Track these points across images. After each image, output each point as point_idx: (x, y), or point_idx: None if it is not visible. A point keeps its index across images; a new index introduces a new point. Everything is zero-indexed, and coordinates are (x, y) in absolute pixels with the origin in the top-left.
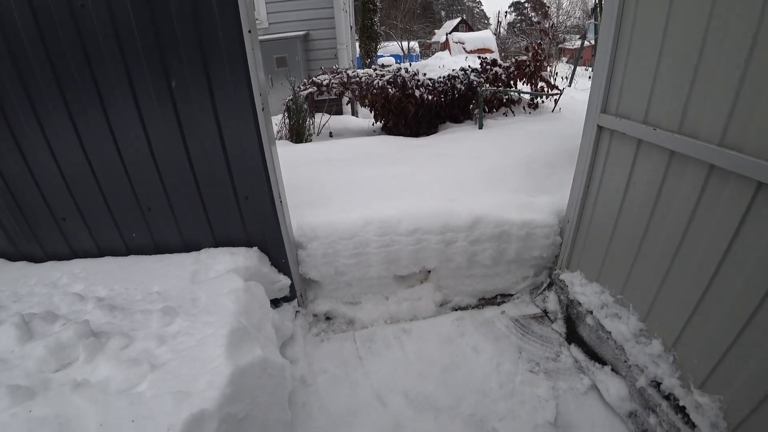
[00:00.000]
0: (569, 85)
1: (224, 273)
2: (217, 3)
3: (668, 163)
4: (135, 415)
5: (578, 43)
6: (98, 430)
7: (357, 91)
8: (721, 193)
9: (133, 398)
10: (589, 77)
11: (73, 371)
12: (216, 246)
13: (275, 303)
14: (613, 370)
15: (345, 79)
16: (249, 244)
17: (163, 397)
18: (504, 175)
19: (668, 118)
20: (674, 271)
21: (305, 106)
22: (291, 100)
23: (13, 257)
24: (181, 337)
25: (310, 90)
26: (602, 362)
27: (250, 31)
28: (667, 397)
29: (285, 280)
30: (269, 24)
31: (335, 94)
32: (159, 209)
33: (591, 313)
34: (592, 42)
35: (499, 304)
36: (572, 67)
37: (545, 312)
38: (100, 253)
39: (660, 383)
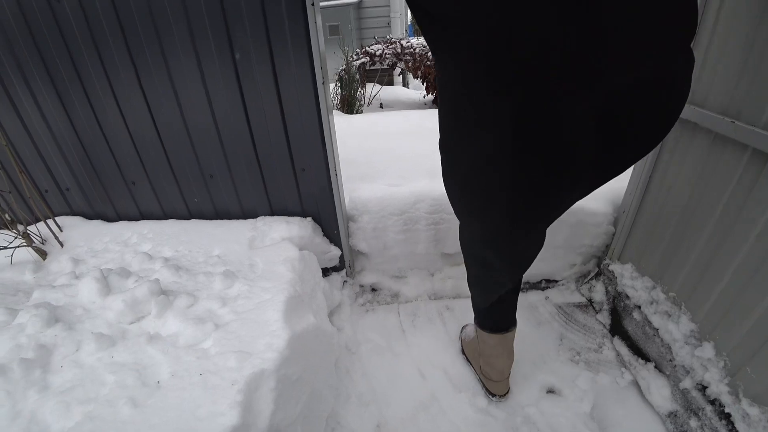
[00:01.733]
0: None
1: (280, 241)
2: None
3: (747, 161)
4: (202, 369)
5: None
6: (170, 378)
7: (410, 63)
8: None
9: (200, 353)
10: None
11: (146, 324)
12: (272, 215)
13: (325, 272)
14: (656, 368)
15: (399, 50)
16: (303, 215)
17: (226, 354)
18: None
19: (756, 111)
20: (740, 276)
21: (357, 76)
22: (344, 69)
23: (89, 216)
24: (240, 300)
25: (363, 60)
26: (646, 359)
27: (313, 4)
28: (712, 402)
29: (335, 251)
30: None
31: (388, 65)
32: (220, 177)
33: (639, 307)
34: None
35: (543, 289)
36: None
37: (590, 302)
38: (165, 216)
39: (706, 387)
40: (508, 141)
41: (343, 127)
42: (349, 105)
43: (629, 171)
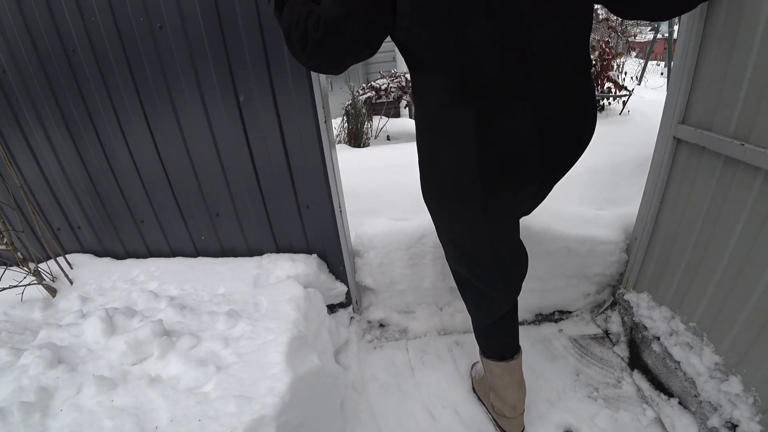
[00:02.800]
0: (639, 83)
1: (285, 279)
2: None
3: (761, 183)
4: (201, 415)
5: (649, 36)
6: (169, 425)
7: None
8: None
9: (200, 398)
10: (661, 73)
11: (147, 366)
12: (277, 251)
13: (331, 308)
14: (681, 404)
15: (403, 83)
16: (309, 251)
17: (226, 399)
18: (568, 185)
19: (766, 132)
20: (765, 303)
21: (363, 110)
22: (350, 104)
23: (99, 253)
24: (243, 340)
25: (369, 95)
26: (669, 394)
27: None
28: None
29: (341, 287)
30: None
31: (393, 98)
32: (226, 215)
33: (658, 339)
34: (666, 35)
35: (556, 321)
36: (642, 63)
37: (606, 333)
38: (173, 253)
39: (736, 426)
40: (473, 141)
41: (350, 161)
42: (356, 138)
43: (639, 197)
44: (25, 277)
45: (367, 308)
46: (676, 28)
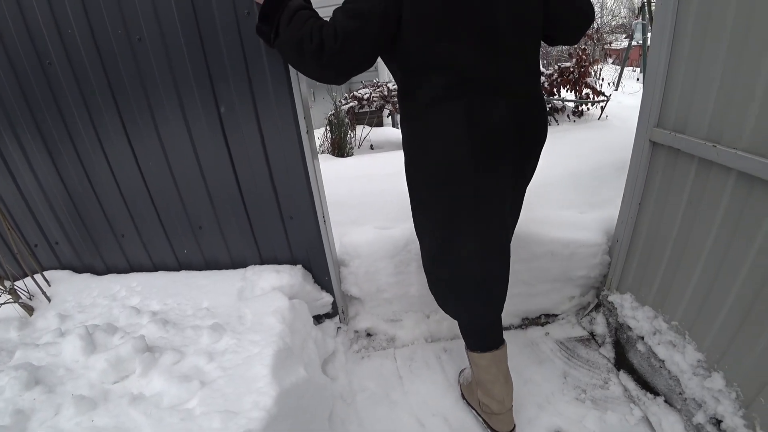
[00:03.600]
0: (616, 89)
1: (269, 291)
2: None
3: (733, 183)
4: None
5: (625, 43)
6: None
7: (397, 104)
8: None
9: (184, 414)
10: (637, 79)
11: (129, 384)
12: (261, 263)
13: (317, 319)
14: (666, 402)
15: (385, 93)
16: (293, 262)
17: (211, 415)
18: (550, 190)
19: (736, 134)
20: (743, 300)
21: (346, 120)
22: (333, 114)
23: (78, 269)
24: (228, 354)
25: (352, 104)
26: (655, 393)
27: None
28: None
29: (327, 297)
30: None
31: (376, 107)
32: (209, 227)
33: (642, 339)
34: (640, 42)
35: (543, 324)
36: (619, 69)
37: (592, 335)
38: (155, 268)
39: (720, 421)
40: (465, 128)
41: (333, 171)
42: (340, 148)
43: (620, 199)
44: (0, 296)
45: (354, 318)
46: (649, 35)
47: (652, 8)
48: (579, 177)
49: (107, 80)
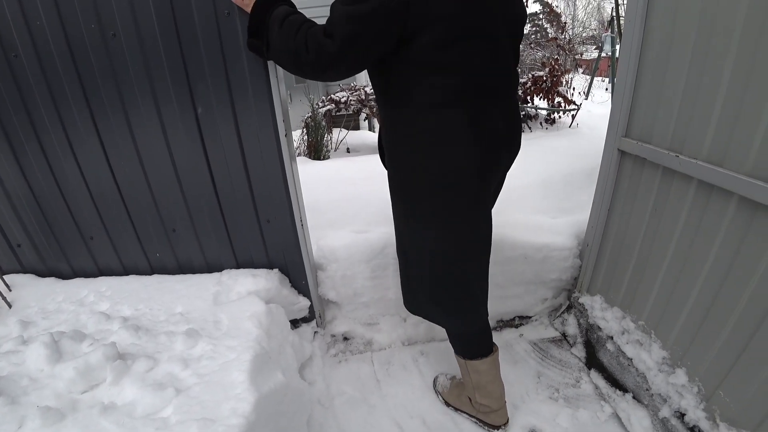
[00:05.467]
0: (586, 98)
1: (246, 295)
2: (243, 36)
3: (694, 191)
4: None
5: (595, 54)
6: None
7: (374, 108)
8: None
9: (159, 424)
10: (606, 89)
11: (100, 393)
12: (238, 267)
13: (294, 323)
14: (635, 398)
15: (363, 97)
16: (270, 266)
17: (187, 423)
18: (523, 195)
19: (697, 145)
20: (703, 300)
21: (323, 123)
22: (310, 117)
23: (42, 273)
24: (204, 360)
25: (329, 107)
26: (623, 390)
27: None
28: (692, 429)
29: (304, 302)
30: None
31: (353, 111)
32: (183, 230)
33: (611, 338)
34: (609, 54)
35: (517, 326)
36: (589, 79)
37: (564, 336)
38: (125, 272)
39: (684, 414)
40: (470, 134)
41: (310, 174)
42: (316, 151)
43: (590, 205)
44: None
45: (331, 322)
46: (617, 47)
47: (621, 22)
48: (551, 182)
49: (78, 76)
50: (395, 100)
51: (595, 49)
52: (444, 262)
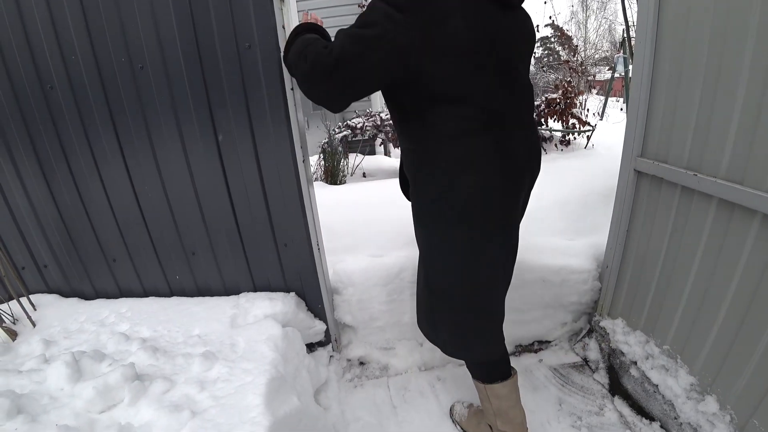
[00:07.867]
0: (601, 119)
1: (262, 318)
2: (263, 66)
3: (715, 209)
4: None
5: (608, 74)
6: None
7: (390, 133)
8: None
9: None
10: (621, 109)
11: (117, 413)
12: (255, 290)
13: (310, 347)
14: (662, 427)
15: (378, 122)
16: (287, 290)
17: None
18: (540, 217)
19: (715, 163)
20: (731, 322)
21: (340, 148)
22: (326, 142)
23: (66, 293)
24: (220, 383)
25: (345, 133)
26: (650, 418)
27: (292, 89)
28: None
29: (320, 326)
30: None
31: (369, 136)
32: (202, 254)
33: (635, 363)
34: (622, 74)
35: (536, 351)
36: (603, 100)
37: (586, 361)
38: (145, 293)
39: None
40: (497, 162)
41: (327, 198)
42: (333, 176)
43: (608, 226)
44: None
45: (347, 346)
46: (630, 67)
47: (632, 43)
48: (567, 204)
49: (107, 105)
50: (416, 132)
51: (608, 69)
52: (472, 294)
